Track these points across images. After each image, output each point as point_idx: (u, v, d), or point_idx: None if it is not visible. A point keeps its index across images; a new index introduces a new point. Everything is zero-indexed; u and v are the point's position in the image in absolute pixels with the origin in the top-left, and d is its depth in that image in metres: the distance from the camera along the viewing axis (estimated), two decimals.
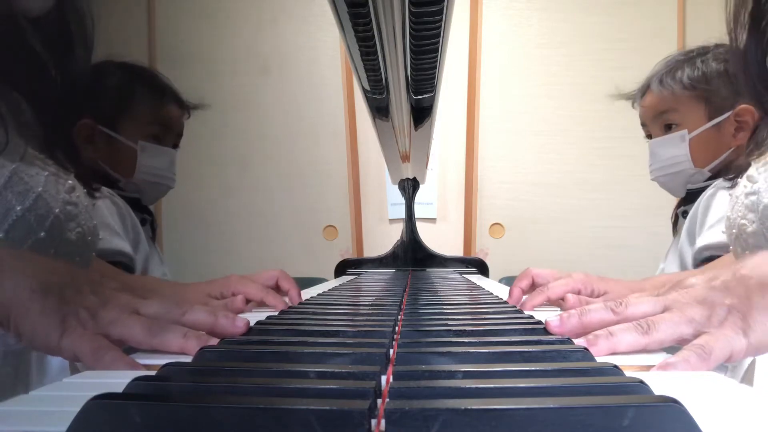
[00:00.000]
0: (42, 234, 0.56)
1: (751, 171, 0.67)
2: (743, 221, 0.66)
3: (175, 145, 1.36)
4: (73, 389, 0.32)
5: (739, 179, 0.71)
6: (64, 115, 0.68)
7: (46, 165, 0.61)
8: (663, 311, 0.42)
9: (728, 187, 0.75)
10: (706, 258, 1.08)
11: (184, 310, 0.46)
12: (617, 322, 0.43)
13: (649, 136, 1.29)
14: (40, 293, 0.41)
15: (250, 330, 0.47)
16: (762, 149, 0.68)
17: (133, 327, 0.41)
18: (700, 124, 1.19)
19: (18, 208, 0.55)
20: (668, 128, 1.23)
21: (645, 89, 1.28)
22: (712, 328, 0.38)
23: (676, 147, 1.21)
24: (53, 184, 0.60)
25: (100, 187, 0.75)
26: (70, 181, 0.64)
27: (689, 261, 1.15)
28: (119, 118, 1.25)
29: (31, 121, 0.63)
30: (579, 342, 0.40)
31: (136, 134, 1.26)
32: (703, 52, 1.23)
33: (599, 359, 0.35)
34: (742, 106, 1.16)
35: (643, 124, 1.32)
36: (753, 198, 0.64)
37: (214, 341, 0.42)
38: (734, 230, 0.68)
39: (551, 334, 0.44)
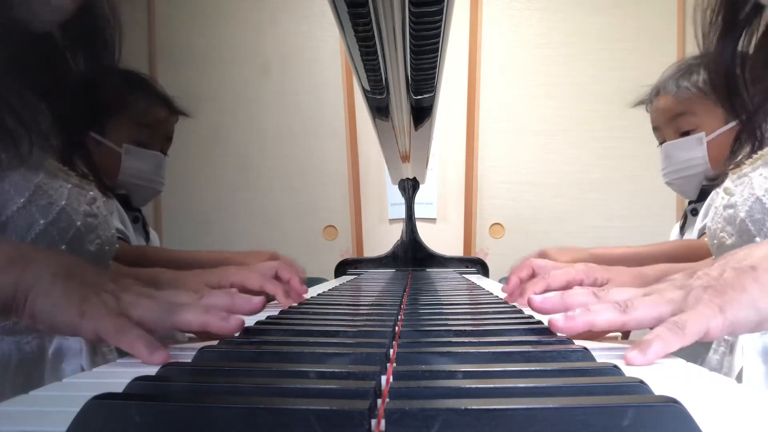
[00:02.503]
0: (63, 247, 0.57)
1: (728, 183, 0.66)
2: (722, 234, 0.65)
3: (164, 150, 1.35)
4: (73, 389, 0.32)
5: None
6: (84, 121, 0.68)
7: (69, 177, 0.61)
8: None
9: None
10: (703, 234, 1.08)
11: (200, 294, 0.47)
12: None
13: (662, 141, 1.28)
14: (62, 276, 0.42)
15: (250, 330, 0.47)
16: (737, 159, 0.67)
17: (153, 308, 0.42)
18: (717, 126, 1.18)
19: (41, 222, 0.55)
20: (685, 133, 1.22)
21: (657, 92, 1.27)
22: (689, 307, 0.39)
23: (693, 150, 1.20)
24: (75, 196, 0.60)
25: (112, 188, 0.76)
26: (91, 192, 0.64)
27: None
28: (105, 119, 1.25)
29: (50, 127, 0.62)
30: (558, 318, 0.41)
31: (122, 136, 1.25)
32: None
33: (599, 359, 0.35)
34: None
35: (656, 128, 1.30)
36: (730, 211, 0.64)
37: (233, 322, 0.43)
38: (715, 241, 0.68)
39: (533, 309, 0.46)
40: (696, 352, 0.64)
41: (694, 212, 1.26)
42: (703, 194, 1.23)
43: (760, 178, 0.60)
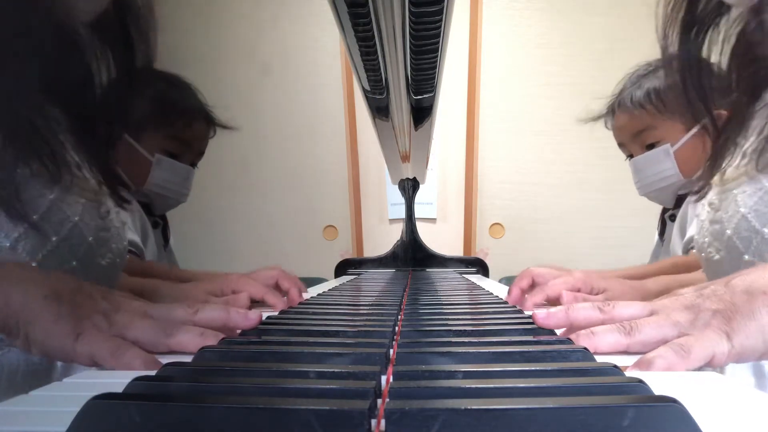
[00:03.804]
0: (74, 263, 0.56)
1: (712, 197, 0.65)
2: (710, 249, 0.64)
3: (194, 162, 1.34)
4: (73, 389, 0.32)
5: (704, 191, 0.70)
6: (109, 131, 0.65)
7: (84, 191, 0.60)
8: (650, 315, 0.42)
9: (695, 200, 0.75)
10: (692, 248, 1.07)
11: (195, 309, 0.46)
12: (603, 322, 0.43)
13: (630, 156, 1.28)
14: (53, 300, 0.40)
15: (249, 330, 0.47)
16: (717, 170, 0.66)
17: (148, 330, 0.41)
18: (679, 135, 1.18)
19: (53, 239, 0.54)
20: (649, 147, 1.22)
21: (614, 108, 1.27)
22: (696, 331, 0.38)
23: (662, 162, 1.20)
24: (89, 210, 0.59)
25: (130, 201, 0.74)
26: (105, 205, 0.63)
27: None
28: (144, 127, 1.24)
29: (72, 140, 0.60)
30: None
31: (156, 146, 1.25)
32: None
33: (599, 359, 0.35)
34: (716, 111, 1.15)
35: (621, 145, 1.31)
36: (717, 227, 0.63)
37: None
38: (702, 254, 0.67)
39: (537, 325, 0.45)
40: None
41: (672, 218, 1.26)
42: (680, 201, 1.23)
43: (744, 195, 0.59)
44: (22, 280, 0.42)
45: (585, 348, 0.37)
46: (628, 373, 0.35)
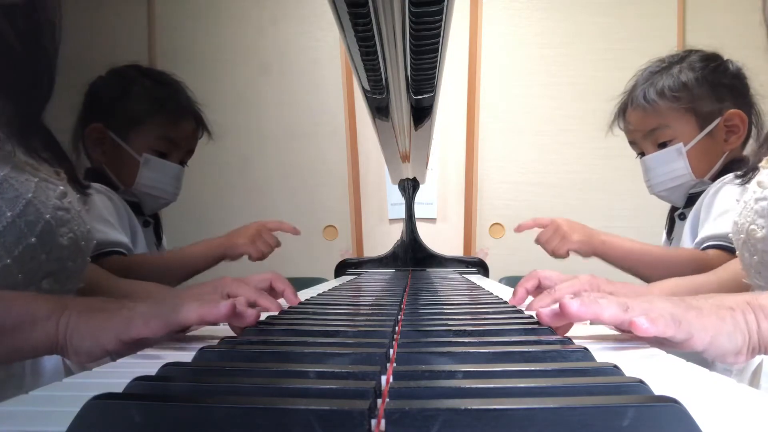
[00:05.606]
0: (33, 239, 0.58)
1: (762, 177, 0.67)
2: (753, 226, 0.66)
3: (183, 161, 1.33)
4: (73, 389, 0.32)
5: (751, 173, 0.71)
6: (35, 102, 0.67)
7: (37, 171, 0.62)
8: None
9: (738, 183, 0.75)
10: (706, 247, 1.07)
11: (176, 312, 0.50)
12: None
13: (641, 154, 1.27)
14: (86, 312, 0.48)
15: (250, 330, 0.47)
16: None
17: (157, 312, 0.48)
18: (692, 135, 1.17)
19: (8, 214, 0.56)
20: (661, 146, 1.21)
21: (626, 106, 1.26)
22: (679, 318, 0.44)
23: (674, 161, 1.19)
24: (44, 190, 0.61)
25: (90, 185, 0.75)
26: (61, 187, 0.64)
27: None
28: (131, 126, 1.23)
29: (8, 112, 0.63)
30: (572, 303, 0.45)
31: (144, 145, 1.24)
32: (677, 60, 1.21)
33: (599, 359, 0.35)
34: (730, 110, 1.15)
35: (632, 143, 1.29)
36: (763, 204, 0.64)
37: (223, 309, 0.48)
38: (742, 235, 0.68)
39: (542, 324, 0.48)
40: None
41: (682, 216, 1.25)
42: (690, 200, 1.23)
43: None
44: (66, 305, 0.49)
45: (585, 348, 0.37)
46: (637, 319, 0.41)
